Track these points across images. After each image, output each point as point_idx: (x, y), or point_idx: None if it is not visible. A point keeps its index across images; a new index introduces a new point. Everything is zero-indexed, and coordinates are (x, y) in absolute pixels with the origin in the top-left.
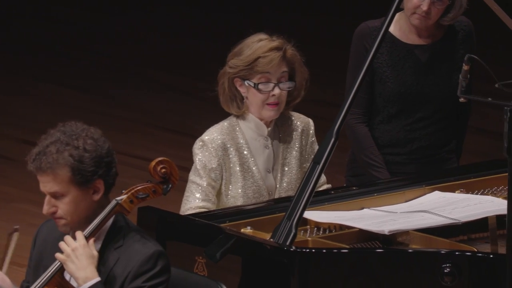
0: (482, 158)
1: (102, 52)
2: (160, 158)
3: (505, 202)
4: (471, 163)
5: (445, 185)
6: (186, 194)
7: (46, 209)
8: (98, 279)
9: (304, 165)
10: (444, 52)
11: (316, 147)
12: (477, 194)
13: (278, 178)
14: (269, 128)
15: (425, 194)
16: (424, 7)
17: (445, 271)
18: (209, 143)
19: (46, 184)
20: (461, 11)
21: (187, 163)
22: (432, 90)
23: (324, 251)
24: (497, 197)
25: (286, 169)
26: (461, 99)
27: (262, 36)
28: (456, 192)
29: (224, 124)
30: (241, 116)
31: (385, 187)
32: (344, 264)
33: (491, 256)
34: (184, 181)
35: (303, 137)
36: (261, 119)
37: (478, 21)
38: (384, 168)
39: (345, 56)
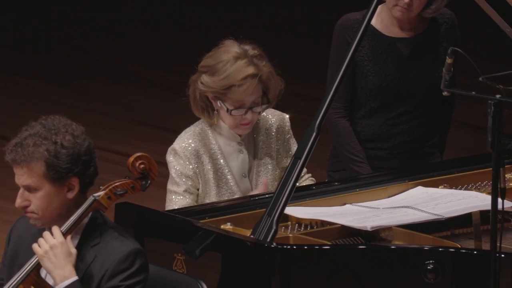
0: (466, 152)
1: (82, 47)
2: (138, 154)
3: (489, 197)
4: (454, 157)
5: (428, 180)
6: (166, 204)
7: (18, 202)
8: (75, 278)
9: (284, 161)
10: (426, 45)
11: (293, 142)
12: (460, 189)
13: (254, 180)
14: (243, 136)
15: (408, 189)
16: None
17: (428, 267)
18: (181, 152)
19: (20, 177)
20: (443, 3)
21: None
22: (414, 84)
23: (306, 247)
24: (481, 192)
25: (262, 170)
26: (445, 93)
27: (237, 50)
28: (440, 187)
29: (196, 129)
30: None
31: (367, 182)
32: (325, 260)
33: (475, 252)
34: (164, 176)
35: (278, 135)
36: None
37: (462, 13)
38: (365, 163)
39: (326, 49)
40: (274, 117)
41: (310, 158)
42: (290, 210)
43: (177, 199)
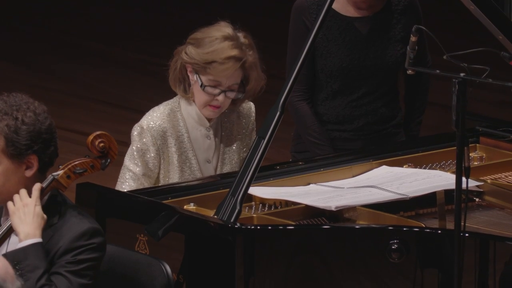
0: (431, 131)
1: (41, 24)
2: (98, 132)
3: (453, 176)
4: (419, 136)
5: (393, 160)
6: (120, 179)
7: None
8: (40, 240)
9: (243, 151)
10: (385, 23)
11: (254, 135)
12: (425, 168)
13: (218, 168)
14: (211, 122)
15: (372, 169)
16: None
17: (393, 247)
18: (148, 131)
19: None
20: None
21: (126, 137)
22: (374, 63)
23: (270, 227)
24: (446, 171)
25: (226, 157)
26: (409, 71)
27: (229, 32)
28: (404, 166)
29: (166, 109)
30: (186, 100)
31: (331, 162)
32: (290, 241)
33: (439, 232)
34: (124, 155)
35: (243, 124)
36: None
37: None
38: (328, 146)
39: (288, 26)
40: (241, 106)
41: (273, 137)
42: (254, 190)
43: (132, 179)
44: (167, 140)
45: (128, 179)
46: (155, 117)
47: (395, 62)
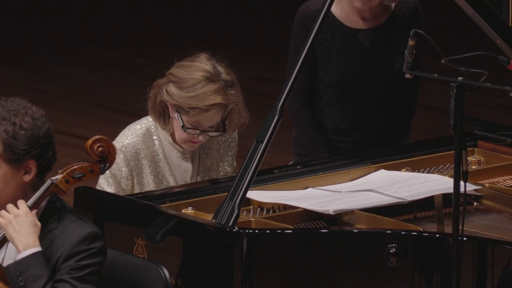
0: (429, 135)
1: (38, 28)
2: (97, 137)
3: (451, 180)
4: (417, 140)
5: (391, 164)
6: None
7: None
8: (39, 248)
9: (226, 164)
10: (388, 36)
11: (233, 160)
12: (423, 172)
13: None
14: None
15: (370, 172)
16: None
17: (391, 251)
18: (120, 151)
19: None
20: None
21: None
22: (375, 76)
23: (268, 231)
24: (444, 175)
25: (206, 176)
26: (407, 75)
27: (210, 70)
28: (402, 170)
29: (141, 129)
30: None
31: (330, 166)
32: (288, 245)
33: (437, 235)
34: None
35: (223, 142)
36: None
37: None
38: (328, 152)
39: (289, 30)
40: None
41: (272, 141)
42: (252, 194)
43: None
44: (140, 161)
45: None
46: (128, 136)
47: (396, 75)
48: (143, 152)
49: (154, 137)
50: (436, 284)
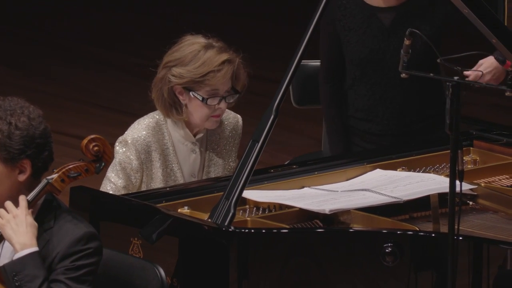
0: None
1: (37, 28)
2: (92, 136)
3: (447, 179)
4: (413, 140)
5: (387, 163)
6: (101, 189)
7: None
8: (36, 248)
9: (230, 165)
10: (411, 14)
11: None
12: (419, 171)
13: None
14: (198, 136)
15: (366, 172)
16: None
17: (387, 250)
18: (132, 145)
19: None
20: None
21: None
22: (395, 56)
23: (264, 231)
24: (439, 174)
25: (212, 171)
26: (403, 75)
27: (203, 41)
28: (398, 170)
29: (151, 122)
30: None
31: (326, 165)
32: (284, 244)
33: (433, 235)
34: None
35: (230, 138)
36: (198, 127)
37: None
38: (342, 141)
39: (288, 30)
40: (228, 120)
41: (268, 141)
42: (248, 194)
43: (112, 191)
44: (151, 154)
45: (109, 191)
46: (139, 129)
47: (416, 56)
48: (154, 145)
49: (164, 130)
50: (432, 283)
